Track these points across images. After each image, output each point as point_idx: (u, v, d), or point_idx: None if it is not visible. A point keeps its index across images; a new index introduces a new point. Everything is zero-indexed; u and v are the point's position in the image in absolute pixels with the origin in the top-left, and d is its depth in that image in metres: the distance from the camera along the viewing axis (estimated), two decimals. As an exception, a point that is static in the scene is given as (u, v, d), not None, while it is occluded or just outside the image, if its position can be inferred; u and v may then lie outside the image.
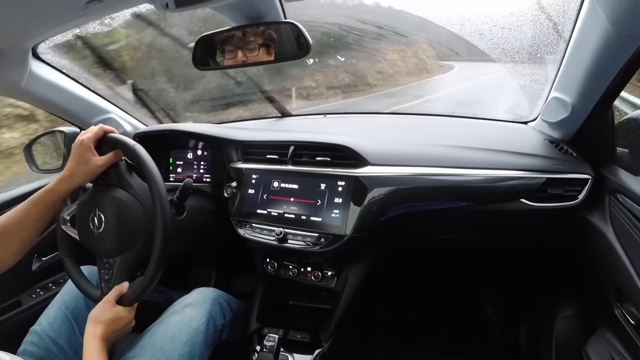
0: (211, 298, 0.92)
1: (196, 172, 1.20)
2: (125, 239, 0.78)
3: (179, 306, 0.87)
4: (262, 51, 0.90)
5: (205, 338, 0.84)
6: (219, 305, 0.93)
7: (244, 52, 0.91)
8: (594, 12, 0.72)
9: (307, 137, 1.04)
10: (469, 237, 1.06)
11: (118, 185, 0.80)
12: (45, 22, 0.79)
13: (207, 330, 0.85)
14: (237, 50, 0.92)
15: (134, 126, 1.29)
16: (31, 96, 1.05)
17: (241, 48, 0.91)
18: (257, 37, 0.89)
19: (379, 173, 0.94)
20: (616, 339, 0.84)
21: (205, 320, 0.85)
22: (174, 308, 0.87)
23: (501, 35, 0.96)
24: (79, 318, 0.87)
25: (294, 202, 0.98)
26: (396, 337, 1.39)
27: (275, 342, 0.92)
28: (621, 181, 0.84)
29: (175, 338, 0.79)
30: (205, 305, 0.88)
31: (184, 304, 0.88)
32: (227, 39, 0.92)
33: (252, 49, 0.90)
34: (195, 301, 0.89)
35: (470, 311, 1.44)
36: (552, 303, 1.09)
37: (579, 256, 0.99)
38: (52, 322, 0.84)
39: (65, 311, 0.86)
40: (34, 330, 0.84)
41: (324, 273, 1.00)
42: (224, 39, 0.92)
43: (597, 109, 0.87)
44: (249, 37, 0.89)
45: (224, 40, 0.92)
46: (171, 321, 0.83)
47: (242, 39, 0.90)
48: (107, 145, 0.80)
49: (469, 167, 0.93)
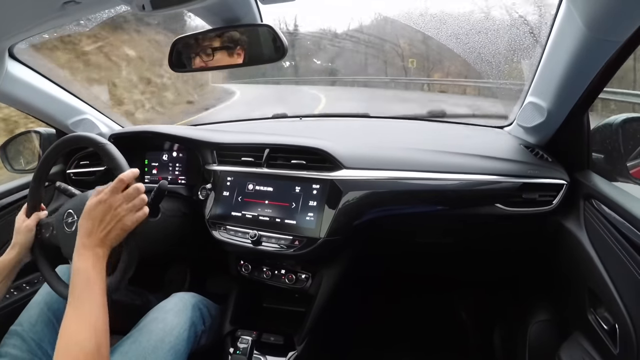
0: (192, 304, 0.91)
1: (171, 174, 1.19)
2: None
3: (160, 312, 0.86)
4: (220, 55, 0.88)
5: (187, 345, 0.84)
6: (199, 311, 0.93)
7: (201, 57, 0.89)
8: (570, 16, 0.71)
9: (283, 140, 1.03)
10: (443, 241, 1.06)
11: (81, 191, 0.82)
12: (22, 22, 0.79)
13: (189, 337, 0.85)
14: (212, 54, 0.91)
15: (110, 127, 1.28)
16: (6, 96, 1.04)
17: (198, 54, 0.90)
18: (213, 41, 0.88)
19: (353, 176, 0.93)
20: (589, 344, 0.83)
21: (187, 327, 0.85)
22: (154, 314, 0.86)
23: (477, 39, 0.96)
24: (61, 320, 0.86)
25: (268, 204, 0.98)
26: (370, 340, 1.39)
27: (248, 344, 0.92)
28: (596, 187, 0.84)
29: (158, 347, 0.79)
30: (186, 312, 0.88)
31: (165, 310, 0.87)
32: (202, 42, 0.91)
33: (208, 54, 0.88)
34: (177, 307, 0.88)
35: (445, 315, 1.45)
36: (526, 307, 1.09)
37: (553, 261, 0.99)
38: (34, 323, 0.83)
39: (48, 313, 0.85)
40: (15, 330, 0.82)
41: (298, 276, 1.00)
42: (200, 41, 0.91)
43: (573, 114, 0.87)
44: (203, 42, 0.88)
45: (199, 43, 0.91)
46: (153, 329, 0.82)
47: (197, 44, 0.88)
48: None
49: (444, 171, 0.93)
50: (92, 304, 0.62)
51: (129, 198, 0.70)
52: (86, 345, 0.57)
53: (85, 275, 0.63)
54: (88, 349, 0.57)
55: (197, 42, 0.87)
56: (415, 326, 1.44)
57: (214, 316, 0.99)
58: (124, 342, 0.80)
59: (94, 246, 0.66)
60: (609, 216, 0.77)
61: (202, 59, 0.87)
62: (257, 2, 0.87)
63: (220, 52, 0.86)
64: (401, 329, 1.45)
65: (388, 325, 1.45)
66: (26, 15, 0.75)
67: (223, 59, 0.87)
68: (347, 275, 1.02)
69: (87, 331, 0.58)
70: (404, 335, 1.42)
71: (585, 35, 0.70)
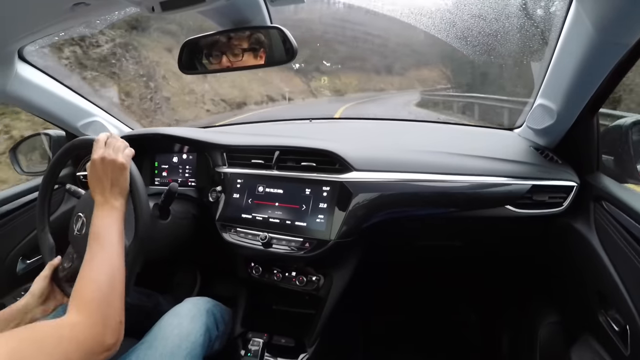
0: (206, 309, 0.91)
1: (181, 176, 1.19)
2: None
3: (175, 318, 0.85)
4: (247, 56, 0.90)
5: (203, 350, 0.84)
6: (213, 316, 0.92)
7: (228, 57, 0.90)
8: (580, 19, 0.72)
9: (293, 142, 1.03)
10: (452, 243, 1.06)
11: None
12: (32, 24, 0.79)
13: (204, 342, 0.84)
14: (222, 56, 0.92)
15: (120, 129, 1.28)
16: (16, 98, 1.04)
17: (225, 53, 0.90)
18: (242, 41, 0.89)
19: (363, 178, 0.94)
20: (600, 346, 0.84)
21: (202, 333, 0.85)
22: (169, 320, 0.85)
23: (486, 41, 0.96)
24: None
25: (278, 207, 0.98)
26: (379, 342, 1.39)
27: (260, 346, 0.93)
28: (606, 188, 0.84)
29: (175, 353, 0.78)
30: (201, 318, 0.87)
31: (180, 315, 0.86)
32: (212, 44, 0.92)
33: (237, 54, 0.89)
34: (191, 313, 0.87)
35: (454, 317, 1.44)
36: (536, 309, 1.09)
37: (563, 263, 0.99)
38: None
39: (57, 316, 0.85)
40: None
41: (308, 278, 1.00)
42: (209, 43, 0.92)
43: (582, 116, 0.87)
44: (233, 41, 0.89)
45: (209, 45, 0.92)
46: (169, 335, 0.81)
47: (227, 44, 0.89)
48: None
49: (454, 173, 0.93)
50: (103, 257, 0.66)
51: (111, 145, 0.78)
52: (102, 280, 0.62)
53: (97, 231, 0.68)
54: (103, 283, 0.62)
55: (219, 45, 0.88)
56: (423, 327, 1.44)
57: (226, 321, 0.98)
58: (139, 347, 0.79)
59: (109, 200, 0.72)
60: (619, 218, 0.77)
61: (229, 58, 0.88)
62: (266, 3, 0.87)
63: (247, 53, 0.88)
64: (409, 330, 1.45)
65: (396, 326, 1.45)
66: (36, 17, 0.75)
67: (248, 60, 0.88)
68: (357, 277, 1.02)
69: (104, 274, 0.63)
70: (412, 336, 1.43)
71: (594, 38, 0.70)
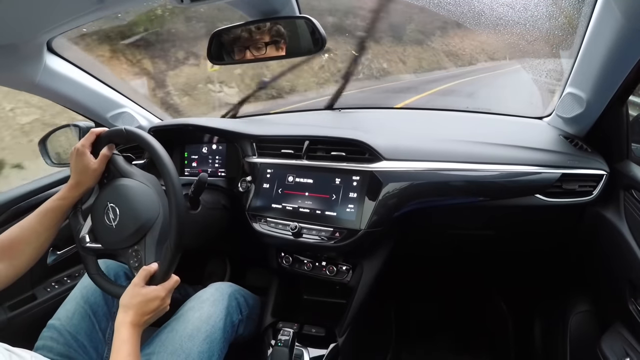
0: (228, 294, 0.92)
1: (211, 167, 1.20)
2: (142, 220, 0.76)
3: (197, 302, 0.87)
4: (270, 49, 0.91)
5: (224, 334, 0.85)
6: (236, 300, 0.93)
7: (251, 51, 0.91)
8: (609, 7, 0.72)
9: (322, 132, 1.04)
10: (483, 233, 1.06)
11: (121, 175, 0.81)
12: (61, 16, 0.79)
13: (225, 326, 0.85)
14: (245, 50, 0.93)
15: (149, 120, 1.28)
16: (45, 90, 1.04)
17: (249, 47, 0.91)
18: (264, 35, 0.89)
19: (393, 168, 0.94)
20: (630, 335, 0.84)
21: (223, 317, 0.86)
22: (191, 304, 0.87)
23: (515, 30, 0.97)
24: (98, 313, 0.87)
25: (308, 196, 0.98)
26: (409, 331, 1.39)
27: (290, 336, 0.93)
28: (636, 177, 0.85)
29: (194, 335, 0.79)
30: (222, 301, 0.89)
31: (202, 299, 0.88)
32: (236, 39, 0.92)
33: (260, 48, 0.90)
34: (213, 297, 0.89)
35: (484, 306, 1.44)
36: (566, 298, 1.09)
37: (594, 252, 0.99)
38: (71, 317, 0.84)
39: (84, 306, 0.86)
40: (53, 324, 0.83)
41: (338, 268, 1.01)
42: (236, 36, 0.92)
43: (611, 104, 0.87)
44: (255, 36, 0.89)
45: (235, 38, 0.93)
46: (189, 318, 0.83)
47: (249, 38, 0.90)
48: (103, 144, 0.82)
49: (483, 162, 0.93)
50: None
51: (169, 292, 0.74)
52: None
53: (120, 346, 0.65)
54: None
55: (250, 36, 0.89)
56: (456, 317, 1.45)
57: (251, 305, 0.99)
58: (162, 331, 0.82)
59: (142, 324, 0.69)
60: None
61: (253, 52, 0.89)
62: (295, -7, 0.88)
63: (270, 46, 0.88)
64: (440, 320, 1.45)
65: (427, 316, 1.46)
66: (64, 9, 0.75)
67: (271, 52, 0.88)
68: (387, 267, 1.02)
69: None
70: (443, 326, 1.43)
71: (623, 25, 0.70)
